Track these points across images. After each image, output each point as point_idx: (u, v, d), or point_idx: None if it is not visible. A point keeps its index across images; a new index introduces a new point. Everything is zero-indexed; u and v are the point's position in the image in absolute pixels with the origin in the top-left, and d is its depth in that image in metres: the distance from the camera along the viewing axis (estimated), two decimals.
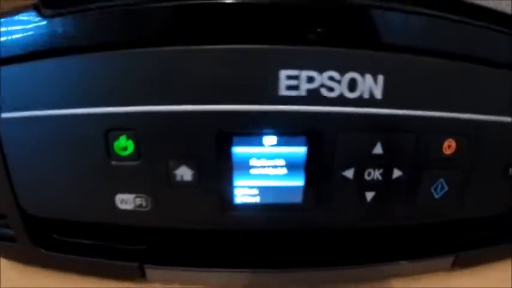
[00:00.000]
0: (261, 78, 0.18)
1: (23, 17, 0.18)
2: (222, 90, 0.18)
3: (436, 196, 0.21)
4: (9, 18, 0.19)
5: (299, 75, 0.18)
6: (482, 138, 0.20)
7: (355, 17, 0.18)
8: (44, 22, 0.18)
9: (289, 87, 0.18)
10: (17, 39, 0.18)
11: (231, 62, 0.18)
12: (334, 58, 0.18)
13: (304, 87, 0.18)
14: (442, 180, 0.21)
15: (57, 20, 0.18)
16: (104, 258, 0.23)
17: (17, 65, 0.19)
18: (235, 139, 0.19)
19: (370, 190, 0.20)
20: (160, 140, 0.19)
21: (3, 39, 0.19)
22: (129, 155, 0.19)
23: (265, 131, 0.19)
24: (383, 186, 0.20)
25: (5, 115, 0.20)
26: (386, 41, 0.18)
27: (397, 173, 0.20)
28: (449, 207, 0.22)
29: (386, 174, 0.20)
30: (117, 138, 0.19)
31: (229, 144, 0.19)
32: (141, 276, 0.23)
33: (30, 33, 0.18)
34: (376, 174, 0.20)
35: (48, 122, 0.19)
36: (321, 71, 0.18)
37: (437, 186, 0.21)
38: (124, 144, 0.19)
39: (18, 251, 0.24)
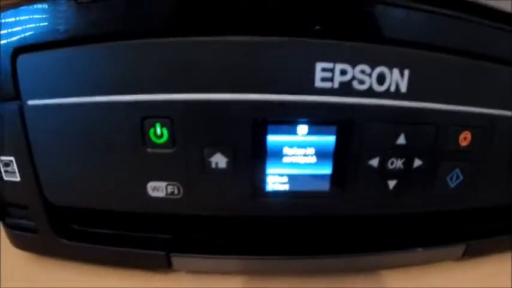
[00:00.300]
0: (297, 69, 0.19)
1: (55, 3, 0.19)
2: (258, 80, 0.19)
3: (452, 185, 0.23)
4: (42, 5, 0.19)
5: (333, 68, 0.19)
6: (494, 131, 0.22)
7: (386, 15, 0.19)
8: (79, 9, 0.18)
9: (324, 79, 0.19)
10: (51, 25, 0.19)
11: (270, 53, 0.18)
12: (365, 53, 0.19)
13: (338, 79, 0.19)
14: (457, 170, 0.22)
15: (92, 6, 0.18)
16: (128, 247, 0.23)
17: (49, 51, 0.19)
18: (270, 128, 0.20)
19: (392, 178, 0.21)
20: (196, 128, 0.20)
21: (38, 25, 0.19)
22: (164, 142, 0.20)
23: (299, 120, 0.20)
24: (404, 175, 0.21)
25: (31, 102, 0.20)
26: (412, 38, 0.19)
27: (417, 162, 0.21)
28: (463, 196, 0.23)
29: (408, 163, 0.21)
30: (152, 125, 0.20)
31: (264, 133, 0.20)
32: (168, 266, 0.23)
33: (65, 19, 0.19)
34: (398, 163, 0.21)
35: (79, 109, 0.19)
36: (353, 64, 0.19)
37: (452, 176, 0.22)
38: (159, 132, 0.20)
39: (39, 242, 0.24)
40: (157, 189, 0.21)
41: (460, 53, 0.20)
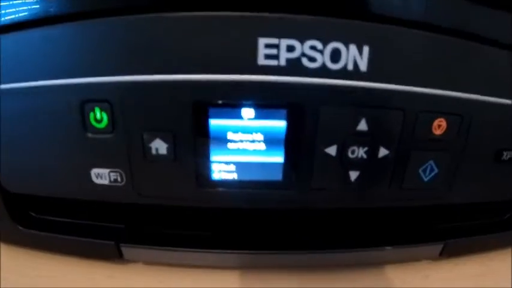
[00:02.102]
0: (238, 46, 0.17)
1: None
2: (197, 59, 0.17)
3: (425, 179, 0.20)
4: None
5: (278, 43, 0.17)
6: (475, 120, 0.20)
7: None
8: None
9: (268, 57, 0.17)
10: None
11: (207, 29, 0.17)
12: (316, 27, 0.17)
13: (284, 56, 0.17)
14: (431, 162, 0.20)
15: None
16: (80, 237, 0.23)
17: None
18: (211, 111, 0.18)
19: (354, 169, 0.19)
20: (135, 111, 0.18)
21: None
22: (104, 127, 0.19)
23: (243, 102, 0.18)
24: (368, 166, 0.19)
25: None
26: (373, 10, 0.17)
27: (383, 151, 0.19)
28: (439, 191, 0.21)
29: (372, 152, 0.19)
30: (92, 109, 0.18)
31: (205, 116, 0.18)
32: (119, 256, 0.23)
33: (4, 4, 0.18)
34: (360, 152, 0.19)
35: (23, 94, 0.18)
36: (301, 39, 0.17)
37: (426, 168, 0.20)
38: (99, 116, 0.19)
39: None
40: (100, 176, 0.20)
41: (431, 29, 0.18)
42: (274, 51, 0.17)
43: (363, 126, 0.19)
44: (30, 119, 0.19)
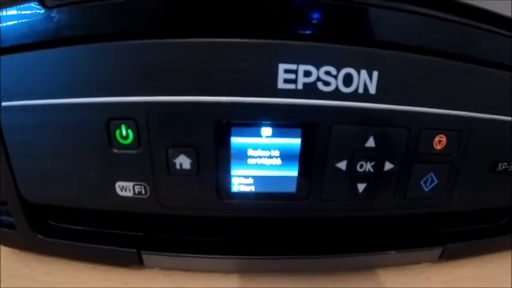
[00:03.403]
0: (260, 71, 0.18)
1: (25, 7, 0.19)
2: (221, 82, 0.18)
3: (426, 189, 0.22)
4: (11, 8, 0.19)
5: (297, 69, 0.18)
6: (472, 135, 0.21)
7: (352, 14, 0.18)
8: (47, 12, 0.18)
9: (287, 81, 0.18)
10: (19, 29, 0.19)
11: (232, 55, 0.18)
12: (330, 54, 0.18)
13: (301, 81, 0.18)
14: (432, 173, 0.22)
15: (59, 10, 0.18)
16: (100, 244, 0.24)
17: (20, 54, 0.19)
18: (233, 130, 0.20)
19: (361, 182, 0.21)
20: (160, 129, 0.20)
21: (5, 28, 0.19)
22: (130, 143, 0.20)
23: (263, 122, 0.20)
24: (374, 178, 0.21)
25: (5, 104, 0.20)
26: (381, 38, 0.19)
27: (388, 165, 0.21)
28: (438, 200, 0.23)
29: (378, 166, 0.21)
30: (118, 127, 0.20)
31: (227, 135, 0.20)
32: (139, 263, 0.24)
33: (32, 23, 0.18)
34: (368, 166, 0.21)
35: (49, 111, 0.19)
36: (318, 66, 0.18)
37: (427, 180, 0.22)
38: (125, 133, 0.20)
39: (18, 237, 0.24)
40: (125, 189, 0.21)
41: (433, 54, 0.19)
42: (292, 76, 0.18)
43: (370, 143, 0.20)
44: (57, 133, 0.20)
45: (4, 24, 0.19)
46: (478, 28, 0.20)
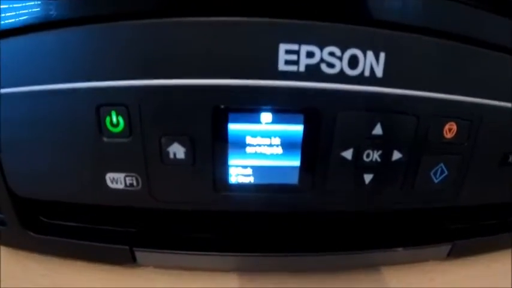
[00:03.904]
0: (259, 52, 0.17)
1: None
2: (218, 64, 0.17)
3: (436, 181, 0.21)
4: None
5: (299, 50, 0.17)
6: (484, 124, 0.20)
7: None
8: None
9: (288, 62, 0.17)
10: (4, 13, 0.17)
11: (229, 34, 0.17)
12: (335, 33, 0.17)
13: (304, 62, 0.17)
14: (441, 164, 0.21)
15: None
16: (92, 241, 0.22)
17: (6, 40, 0.18)
18: (231, 115, 0.18)
19: (368, 172, 0.20)
20: (152, 116, 0.18)
21: None
22: (121, 131, 0.19)
23: (262, 107, 0.18)
24: (382, 169, 0.20)
25: None
26: (389, 18, 0.18)
27: (396, 155, 0.20)
28: (448, 193, 0.21)
29: (386, 156, 0.20)
30: (108, 114, 0.18)
31: (224, 121, 0.18)
32: (132, 260, 0.22)
33: (18, 7, 0.17)
34: (375, 155, 0.19)
35: (36, 98, 0.18)
36: (321, 46, 0.17)
37: (436, 171, 0.21)
38: (115, 121, 0.19)
39: (9, 234, 0.23)
40: (115, 180, 0.20)
41: (445, 36, 0.18)
42: (294, 57, 0.17)
43: (378, 130, 0.19)
44: (45, 122, 0.19)
45: None
46: (491, 12, 0.19)
